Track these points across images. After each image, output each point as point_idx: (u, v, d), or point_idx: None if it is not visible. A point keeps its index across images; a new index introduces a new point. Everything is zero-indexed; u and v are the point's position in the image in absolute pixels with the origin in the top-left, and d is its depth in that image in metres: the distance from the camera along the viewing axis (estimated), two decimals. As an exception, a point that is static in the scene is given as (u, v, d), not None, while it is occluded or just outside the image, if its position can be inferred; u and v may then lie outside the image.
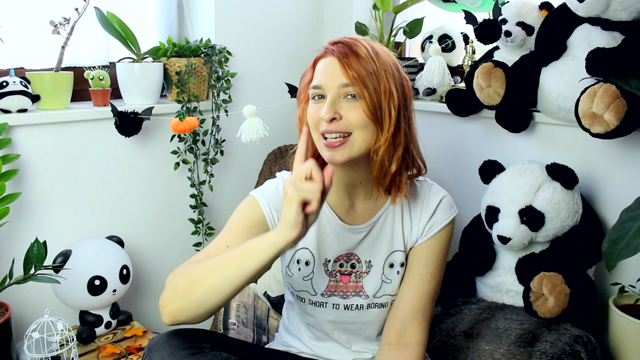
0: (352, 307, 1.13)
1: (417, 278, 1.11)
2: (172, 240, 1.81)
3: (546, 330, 1.27)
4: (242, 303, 1.66)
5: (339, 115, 1.00)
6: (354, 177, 1.09)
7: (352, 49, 1.02)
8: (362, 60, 1.01)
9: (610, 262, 1.09)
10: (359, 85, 1.00)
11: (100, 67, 1.65)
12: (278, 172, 1.17)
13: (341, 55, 1.01)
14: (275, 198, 1.10)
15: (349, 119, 1.00)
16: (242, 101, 1.76)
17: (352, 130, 1.01)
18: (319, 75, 1.04)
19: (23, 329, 1.34)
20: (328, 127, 1.00)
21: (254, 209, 1.10)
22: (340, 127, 1.00)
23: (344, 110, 1.01)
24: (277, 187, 1.12)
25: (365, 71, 1.00)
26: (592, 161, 1.48)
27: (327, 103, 1.00)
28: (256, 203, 1.10)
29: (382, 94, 1.01)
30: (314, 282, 1.12)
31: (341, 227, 1.12)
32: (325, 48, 1.06)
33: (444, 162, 1.81)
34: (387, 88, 1.02)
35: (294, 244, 0.88)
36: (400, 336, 1.09)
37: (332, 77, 1.01)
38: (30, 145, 1.47)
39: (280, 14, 1.96)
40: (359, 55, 1.01)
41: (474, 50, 1.80)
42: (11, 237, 1.46)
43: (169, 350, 0.97)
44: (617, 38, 1.35)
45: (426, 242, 1.13)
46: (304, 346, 1.21)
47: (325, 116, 0.99)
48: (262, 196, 1.10)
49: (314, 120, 1.03)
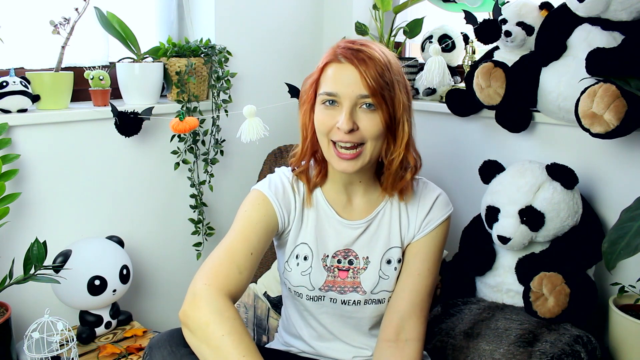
0: (349, 302, 1.14)
1: (415, 273, 1.12)
2: (172, 240, 1.81)
3: (546, 330, 1.27)
4: (242, 303, 1.67)
5: (356, 125, 1.01)
6: (354, 177, 1.11)
7: (370, 57, 1.00)
8: (379, 70, 1.00)
9: (610, 262, 1.09)
10: (378, 97, 1.00)
11: (100, 67, 1.65)
12: (277, 168, 1.18)
13: (359, 63, 1.00)
14: (283, 195, 1.11)
15: (365, 129, 1.01)
16: (242, 101, 1.76)
17: (366, 140, 1.01)
18: (332, 82, 1.02)
19: (23, 329, 1.34)
20: (345, 138, 1.01)
21: (266, 204, 1.10)
22: (355, 138, 1.01)
23: (360, 120, 1.01)
24: (282, 182, 1.13)
25: (383, 82, 1.00)
26: (592, 161, 1.48)
27: (344, 113, 1.00)
28: (266, 199, 1.10)
29: (397, 105, 1.02)
30: (312, 277, 1.13)
31: (339, 222, 1.13)
32: (336, 51, 1.03)
33: (444, 162, 1.81)
34: (400, 99, 1.03)
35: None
36: (399, 332, 1.09)
37: (349, 87, 1.00)
38: (30, 145, 1.47)
39: (280, 14, 1.96)
40: (376, 65, 1.00)
41: (474, 50, 1.80)
42: (11, 237, 1.46)
43: (170, 349, 0.97)
44: (617, 38, 1.35)
45: (423, 238, 1.14)
46: (305, 345, 1.21)
47: (344, 127, 0.99)
48: (270, 192, 1.11)
49: (325, 127, 1.03)
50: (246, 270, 1.02)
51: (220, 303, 0.95)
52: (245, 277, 1.02)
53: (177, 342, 0.98)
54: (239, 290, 1.01)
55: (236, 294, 1.00)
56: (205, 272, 1.00)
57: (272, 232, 1.10)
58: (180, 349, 0.97)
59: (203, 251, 1.82)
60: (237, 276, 1.00)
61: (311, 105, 1.08)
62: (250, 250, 1.04)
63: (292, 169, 1.14)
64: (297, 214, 1.12)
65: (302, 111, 1.10)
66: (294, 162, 1.14)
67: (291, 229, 1.13)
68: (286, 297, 1.24)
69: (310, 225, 1.13)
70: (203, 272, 1.00)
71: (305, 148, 1.11)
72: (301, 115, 1.10)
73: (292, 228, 1.13)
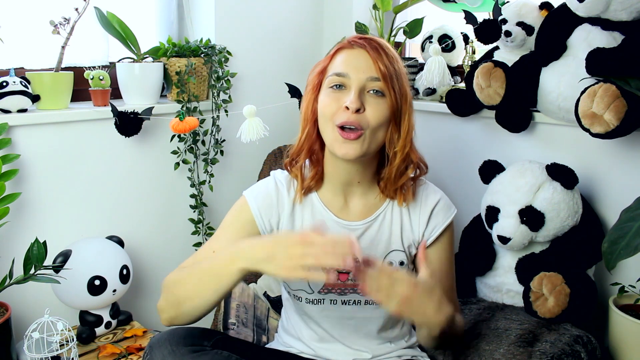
0: (349, 302, 1.13)
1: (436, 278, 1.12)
2: (172, 240, 1.81)
3: (546, 330, 1.27)
4: (242, 303, 1.66)
5: (363, 107, 1.00)
6: (353, 175, 1.10)
7: (382, 46, 1.03)
8: (390, 59, 1.02)
9: (610, 262, 1.09)
10: (387, 82, 1.00)
11: (100, 67, 1.65)
12: (272, 171, 1.17)
13: (372, 49, 1.01)
14: (264, 198, 1.11)
15: (370, 114, 1.00)
16: (242, 101, 1.76)
17: (366, 127, 1.01)
18: (343, 65, 1.03)
19: (23, 329, 1.34)
20: (350, 118, 0.99)
21: (244, 210, 1.11)
22: (360, 120, 1.00)
23: (368, 104, 1.01)
24: (267, 185, 1.13)
25: (393, 69, 1.01)
26: (592, 161, 1.48)
27: (353, 93, 1.00)
28: (245, 203, 1.11)
29: (403, 97, 1.03)
30: (310, 281, 1.12)
31: (336, 223, 1.12)
32: (349, 41, 1.05)
33: (444, 162, 1.81)
34: (406, 92, 1.04)
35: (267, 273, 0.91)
36: None
37: (360, 68, 1.01)
38: (30, 145, 1.47)
39: (280, 14, 1.96)
40: (387, 54, 1.02)
41: (474, 50, 1.80)
42: (11, 237, 1.46)
43: (170, 349, 0.97)
44: (617, 38, 1.35)
45: (432, 244, 1.14)
46: (305, 346, 1.20)
47: (352, 105, 0.98)
48: (251, 196, 1.12)
49: (331, 110, 1.02)
50: None
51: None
52: None
53: (178, 342, 0.98)
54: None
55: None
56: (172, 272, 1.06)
57: (250, 234, 1.10)
58: (180, 348, 0.97)
59: (203, 251, 1.82)
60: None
61: (316, 94, 1.07)
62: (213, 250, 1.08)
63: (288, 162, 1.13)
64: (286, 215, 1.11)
65: (306, 99, 1.09)
66: (287, 162, 1.13)
67: (280, 230, 1.12)
68: (286, 299, 1.24)
69: (305, 228, 1.11)
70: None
71: (303, 139, 1.09)
72: (304, 103, 1.09)
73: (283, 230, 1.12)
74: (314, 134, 1.09)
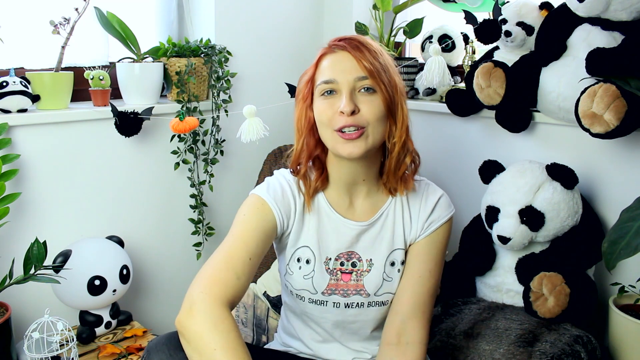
0: (352, 305, 1.13)
1: (416, 275, 1.12)
2: (172, 240, 1.81)
3: (546, 330, 1.27)
4: (241, 303, 1.66)
5: (357, 108, 1.01)
6: (358, 174, 1.10)
7: (362, 43, 1.03)
8: (373, 54, 1.02)
9: (610, 262, 1.09)
10: (376, 78, 1.01)
11: (100, 67, 1.65)
12: (276, 170, 1.17)
13: (353, 49, 1.02)
14: (282, 198, 1.10)
15: (365, 112, 1.01)
16: (242, 101, 1.76)
17: (366, 124, 1.01)
18: (329, 71, 1.03)
19: (23, 329, 1.34)
20: (348, 121, 1.00)
21: (265, 210, 1.08)
22: (358, 121, 1.01)
23: (361, 104, 1.01)
24: (282, 186, 1.12)
25: (378, 64, 1.01)
26: (592, 161, 1.48)
27: (345, 96, 1.00)
28: (265, 203, 1.08)
29: (394, 88, 1.03)
30: (314, 281, 1.12)
31: (342, 222, 1.12)
32: (330, 45, 1.06)
33: (444, 162, 1.81)
34: (395, 82, 1.04)
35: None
36: (400, 335, 1.09)
37: (346, 71, 1.01)
38: (30, 145, 1.47)
39: (280, 14, 1.96)
40: (369, 49, 1.02)
41: (474, 50, 1.80)
42: (11, 237, 1.46)
43: (168, 353, 0.97)
44: (617, 38, 1.35)
45: (424, 239, 1.13)
46: (304, 346, 1.20)
47: (346, 109, 0.99)
48: (269, 196, 1.09)
49: (326, 116, 1.03)
50: (244, 276, 1.00)
51: (216, 314, 0.93)
52: (244, 283, 1.01)
53: (175, 346, 0.97)
54: (237, 297, 1.00)
55: (234, 301, 0.99)
56: (202, 280, 0.98)
57: (271, 236, 1.09)
58: (178, 353, 0.96)
59: (203, 251, 1.82)
60: (235, 283, 0.98)
61: (309, 103, 1.07)
62: (249, 256, 1.02)
63: (290, 170, 1.13)
64: (297, 216, 1.11)
65: (298, 109, 1.09)
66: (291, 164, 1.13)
67: (291, 231, 1.11)
68: (286, 299, 1.24)
69: (311, 228, 1.11)
70: (200, 279, 0.98)
71: (300, 148, 1.10)
72: (296, 113, 1.09)
73: (292, 231, 1.11)
74: (313, 142, 1.09)
